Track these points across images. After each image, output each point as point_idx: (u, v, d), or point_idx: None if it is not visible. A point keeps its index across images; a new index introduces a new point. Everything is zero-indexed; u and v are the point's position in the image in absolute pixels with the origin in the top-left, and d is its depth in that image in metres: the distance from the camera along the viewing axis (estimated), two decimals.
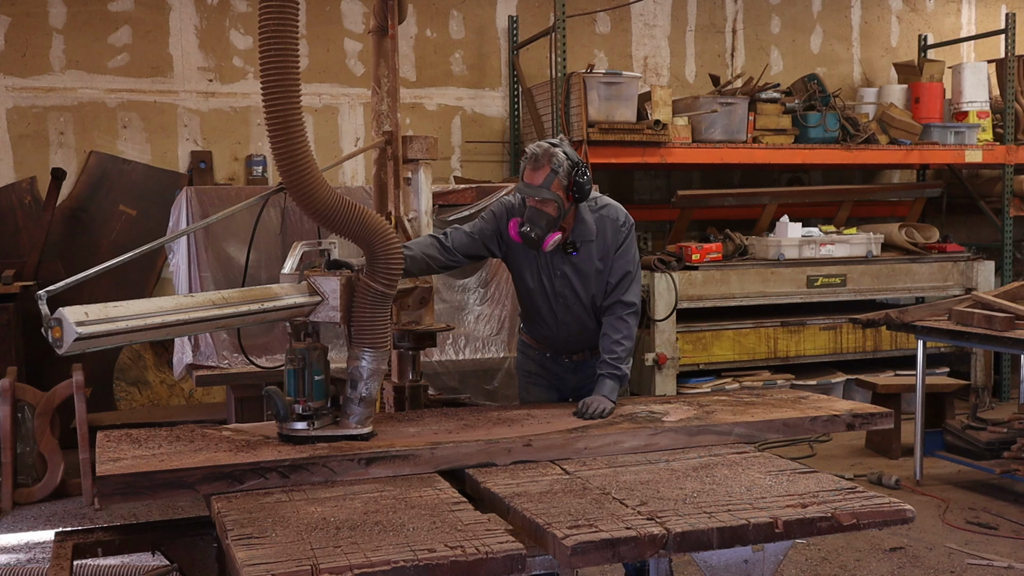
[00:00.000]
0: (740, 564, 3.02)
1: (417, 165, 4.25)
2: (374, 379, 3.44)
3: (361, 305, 3.40)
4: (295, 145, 3.13)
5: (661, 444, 3.54)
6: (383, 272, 3.40)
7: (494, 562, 2.48)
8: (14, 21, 7.50)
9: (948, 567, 4.94)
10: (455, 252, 3.98)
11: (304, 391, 3.40)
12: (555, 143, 3.90)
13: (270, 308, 3.28)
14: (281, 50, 3.06)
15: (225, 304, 3.16)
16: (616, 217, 4.07)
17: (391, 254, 3.40)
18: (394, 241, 3.41)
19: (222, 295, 3.20)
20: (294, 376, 3.40)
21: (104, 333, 2.82)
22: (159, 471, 2.98)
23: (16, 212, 7.49)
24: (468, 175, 8.48)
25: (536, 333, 4.25)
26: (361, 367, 3.42)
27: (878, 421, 3.82)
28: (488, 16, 8.68)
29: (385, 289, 3.41)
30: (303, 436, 3.36)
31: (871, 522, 2.86)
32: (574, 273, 4.03)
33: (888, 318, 6.28)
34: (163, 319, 2.98)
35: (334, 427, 3.41)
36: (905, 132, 8.53)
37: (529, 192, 3.84)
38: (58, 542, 3.29)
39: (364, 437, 3.39)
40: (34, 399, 6.23)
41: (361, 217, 3.32)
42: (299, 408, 3.38)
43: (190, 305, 3.08)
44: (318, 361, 3.41)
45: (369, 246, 3.38)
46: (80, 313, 2.78)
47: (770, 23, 9.55)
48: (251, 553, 2.48)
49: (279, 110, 3.09)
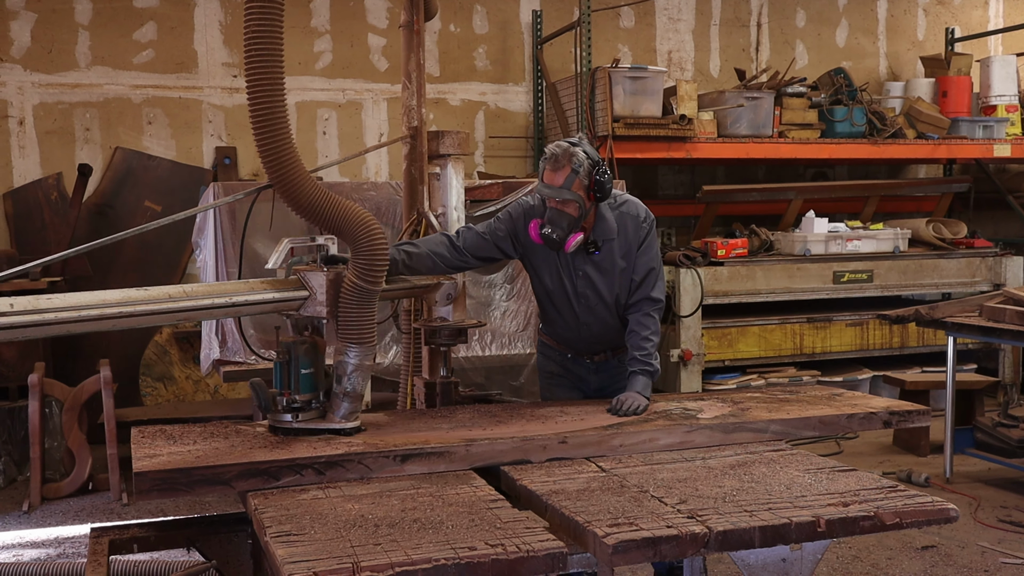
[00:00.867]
0: (778, 563, 2.99)
1: (446, 160, 4.23)
2: (358, 374, 3.44)
3: (346, 301, 3.40)
4: (279, 143, 3.20)
5: (697, 441, 3.51)
6: (365, 267, 3.39)
7: (535, 560, 2.46)
8: (40, 17, 7.52)
9: (981, 566, 4.89)
10: (465, 252, 3.92)
11: (290, 384, 3.43)
12: (574, 142, 3.84)
13: (240, 302, 3.29)
14: (265, 50, 3.14)
15: (184, 298, 3.18)
16: (637, 214, 4.02)
17: (375, 249, 3.39)
18: (379, 236, 3.40)
19: (183, 289, 3.24)
20: (280, 369, 3.45)
21: (26, 324, 2.87)
22: (196, 467, 2.97)
23: (43, 208, 7.51)
24: (491, 170, 8.46)
25: (557, 334, 4.20)
26: (346, 363, 3.43)
27: (915, 419, 3.78)
28: (512, 11, 8.65)
29: (367, 285, 3.40)
30: (286, 428, 3.40)
31: (915, 521, 2.83)
32: (596, 272, 3.97)
33: (918, 314, 6.23)
34: (101, 311, 3.00)
35: (320, 420, 3.43)
36: (933, 126, 8.45)
37: (550, 193, 3.79)
38: (94, 538, 3.29)
39: (348, 432, 3.40)
40: (62, 395, 6.25)
41: (343, 212, 3.35)
42: (284, 401, 3.42)
43: (140, 299, 3.10)
44: (305, 355, 3.43)
45: (353, 241, 3.40)
46: (5, 304, 2.83)
47: (795, 16, 9.49)
48: (291, 550, 2.47)
49: (263, 109, 3.17)
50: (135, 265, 7.62)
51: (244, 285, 3.33)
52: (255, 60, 3.14)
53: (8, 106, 7.50)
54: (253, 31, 3.13)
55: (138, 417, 6.49)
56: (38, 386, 6.08)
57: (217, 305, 3.24)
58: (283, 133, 3.20)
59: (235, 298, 3.27)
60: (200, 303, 3.19)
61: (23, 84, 7.51)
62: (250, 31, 3.13)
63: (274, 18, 3.13)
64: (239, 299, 3.27)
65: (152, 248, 7.66)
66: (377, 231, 3.40)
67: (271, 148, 3.20)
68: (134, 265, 7.62)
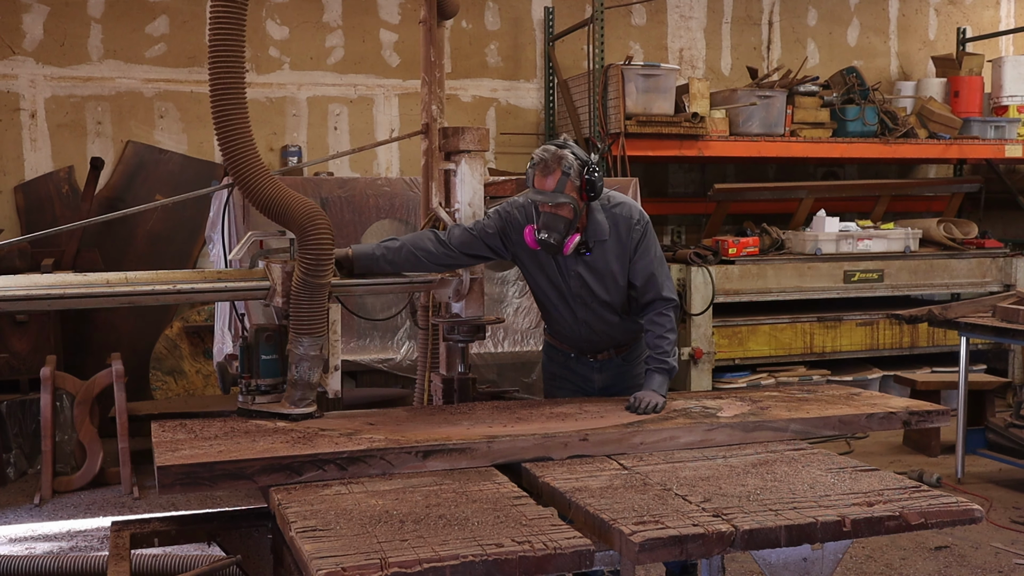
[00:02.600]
0: (799, 562, 2.99)
1: (461, 157, 4.21)
2: (307, 363, 3.57)
3: (295, 293, 3.54)
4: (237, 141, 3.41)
5: (717, 440, 3.51)
6: (308, 260, 3.53)
7: (562, 558, 2.46)
8: (53, 11, 7.52)
9: (995, 567, 4.88)
10: (452, 248, 3.89)
11: (251, 368, 3.62)
12: (560, 144, 3.80)
13: (186, 290, 3.51)
14: (225, 51, 3.35)
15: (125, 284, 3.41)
16: (629, 215, 3.92)
17: (320, 244, 3.52)
18: (324, 231, 3.53)
19: (126, 275, 3.46)
20: (242, 354, 3.65)
21: None
22: (219, 462, 2.97)
23: (54, 201, 7.52)
24: (502, 167, 8.45)
25: (559, 333, 4.17)
26: (296, 352, 3.57)
27: (935, 419, 3.78)
28: (524, 7, 8.64)
29: (308, 277, 3.52)
30: (245, 409, 3.62)
31: (939, 522, 2.82)
32: (589, 273, 3.93)
33: (931, 314, 6.22)
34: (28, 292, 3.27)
35: (273, 404, 3.60)
36: (944, 126, 8.44)
37: (543, 199, 3.73)
38: (115, 532, 3.29)
39: (295, 417, 3.55)
40: (73, 388, 6.25)
41: (290, 204, 3.50)
42: (244, 384, 3.62)
43: (77, 283, 3.33)
44: (267, 342, 3.61)
45: (298, 233, 3.55)
46: None
47: (807, 15, 9.47)
48: (318, 546, 2.47)
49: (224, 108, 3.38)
50: (146, 258, 7.62)
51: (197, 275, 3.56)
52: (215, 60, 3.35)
53: (20, 99, 7.50)
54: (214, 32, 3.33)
55: (149, 411, 6.48)
56: (50, 379, 6.08)
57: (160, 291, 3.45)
58: (242, 131, 3.40)
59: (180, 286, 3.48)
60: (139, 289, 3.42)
61: (35, 77, 7.51)
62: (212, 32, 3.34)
63: (236, 19, 3.33)
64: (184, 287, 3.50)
65: (163, 241, 7.66)
66: (322, 224, 3.54)
67: (229, 145, 3.40)
68: (145, 258, 7.62)
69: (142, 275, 3.47)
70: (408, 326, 6.07)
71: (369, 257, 3.83)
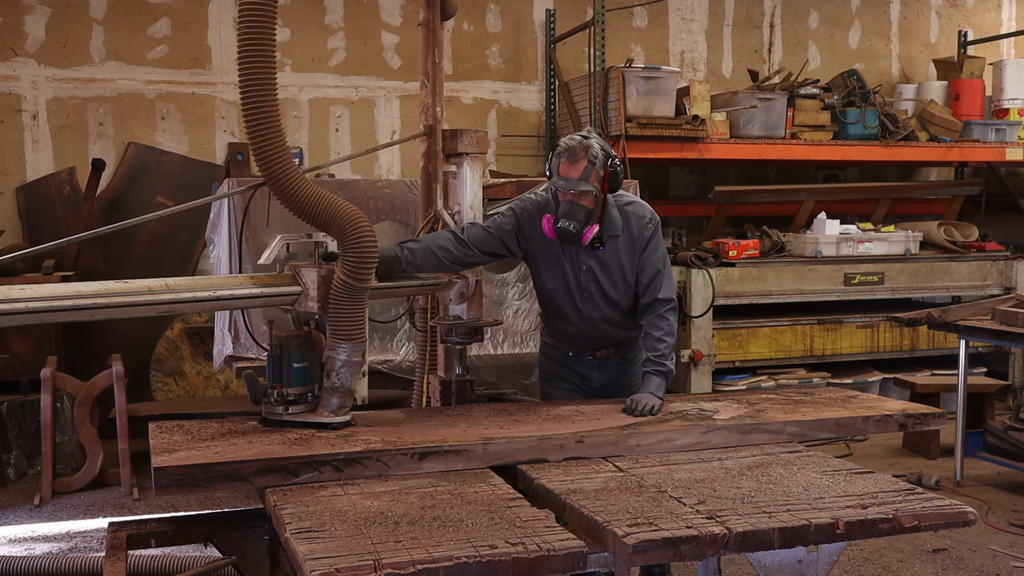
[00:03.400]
0: (794, 564, 3.00)
1: (462, 159, 4.23)
2: (347, 370, 3.48)
3: (335, 297, 3.45)
4: (270, 141, 3.28)
5: (713, 442, 3.51)
6: (353, 264, 3.43)
7: (555, 559, 2.47)
8: (55, 12, 7.54)
9: (993, 570, 4.88)
10: (471, 247, 3.93)
11: (281, 377, 3.49)
12: (585, 135, 3.87)
13: (225, 296, 3.34)
14: (258, 50, 3.23)
15: (164, 291, 3.21)
16: (642, 214, 4.01)
17: (364, 246, 3.43)
18: (367, 233, 3.44)
19: (165, 282, 3.27)
20: (273, 362, 3.51)
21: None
22: (215, 463, 2.98)
23: (56, 202, 7.53)
24: (503, 169, 8.46)
25: (560, 331, 4.19)
26: (335, 358, 3.47)
27: (931, 421, 3.78)
28: (525, 10, 8.65)
29: (354, 282, 3.43)
30: (276, 420, 3.45)
31: (932, 524, 2.83)
32: (599, 267, 3.99)
33: (930, 317, 6.22)
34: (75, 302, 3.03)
35: (308, 414, 3.48)
36: (945, 129, 8.44)
37: (568, 186, 3.79)
38: (112, 532, 3.30)
39: (335, 426, 3.45)
40: (74, 389, 6.26)
41: (333, 208, 3.39)
42: (275, 394, 3.47)
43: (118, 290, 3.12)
44: (298, 349, 3.49)
45: (341, 237, 3.44)
46: None
47: (808, 18, 9.48)
48: (312, 547, 2.47)
49: (255, 109, 3.26)
50: (147, 260, 7.64)
51: (232, 280, 3.38)
52: (247, 60, 3.24)
53: (22, 100, 7.52)
54: (245, 31, 3.22)
55: (149, 412, 6.50)
56: (50, 380, 6.10)
57: (200, 299, 3.29)
58: (274, 131, 3.29)
59: (219, 292, 3.33)
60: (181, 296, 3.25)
61: (37, 78, 7.53)
62: (242, 31, 3.23)
63: (267, 19, 3.23)
64: (223, 293, 3.34)
65: (165, 243, 7.68)
66: (366, 228, 3.44)
67: (262, 146, 3.29)
68: (146, 260, 7.64)
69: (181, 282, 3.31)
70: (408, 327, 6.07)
71: (392, 259, 3.78)
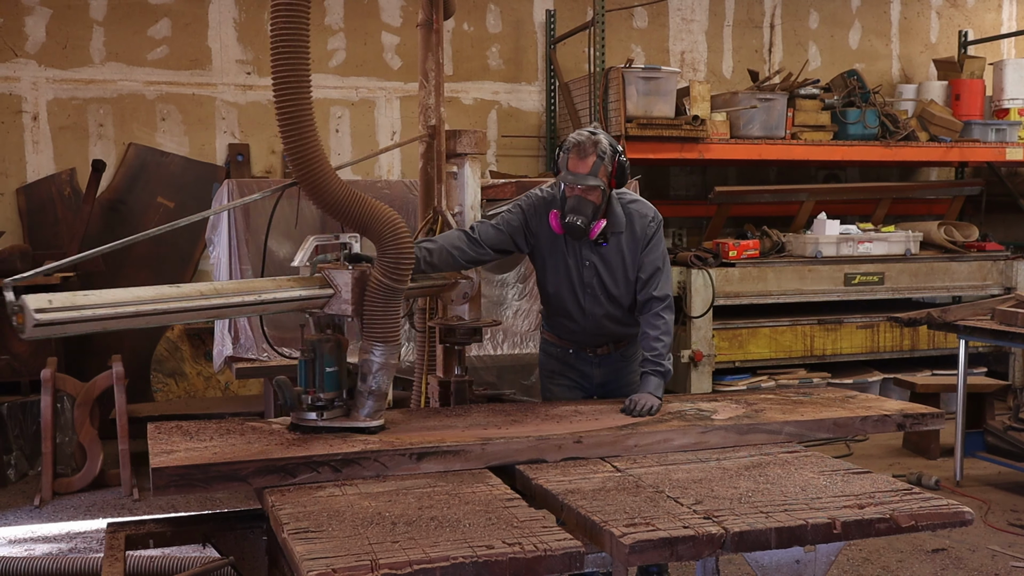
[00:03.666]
0: (792, 564, 3.00)
1: (463, 159, 4.24)
2: (384, 373, 3.44)
3: (371, 299, 3.40)
4: (305, 140, 3.18)
5: (711, 442, 3.52)
6: (392, 266, 3.39)
7: (552, 559, 2.47)
8: (55, 13, 7.54)
9: (992, 570, 4.88)
10: (483, 245, 3.97)
11: (315, 382, 3.42)
12: (593, 131, 3.92)
13: (269, 300, 3.26)
14: (292, 48, 3.12)
15: (215, 295, 3.14)
16: (645, 213, 4.08)
17: (401, 248, 3.39)
18: (404, 234, 3.40)
19: (214, 286, 3.20)
20: (305, 367, 3.44)
21: (66, 320, 2.78)
22: (213, 464, 2.98)
23: (56, 203, 7.54)
24: (503, 169, 8.46)
25: (561, 328, 4.23)
26: (371, 361, 3.42)
27: (929, 422, 3.79)
28: (525, 10, 8.65)
29: (393, 283, 3.40)
30: (311, 426, 3.39)
31: (929, 524, 2.83)
32: (602, 264, 4.03)
33: (930, 317, 6.22)
34: (137, 308, 2.95)
35: (344, 419, 3.43)
36: (945, 129, 8.44)
37: (577, 180, 3.84)
38: (110, 533, 3.30)
39: (373, 430, 3.40)
40: (74, 390, 6.27)
41: (370, 210, 3.34)
42: (308, 399, 3.41)
43: (173, 295, 3.06)
44: (330, 353, 3.43)
45: (379, 239, 3.39)
46: (44, 301, 2.75)
47: (808, 18, 9.48)
48: (309, 547, 2.48)
49: (290, 107, 3.15)
50: (147, 261, 7.65)
51: (272, 283, 3.31)
52: (281, 58, 3.12)
53: (22, 101, 7.53)
54: (279, 28, 3.11)
55: (149, 413, 6.51)
56: (50, 381, 6.10)
57: (247, 303, 3.21)
58: (309, 130, 3.18)
59: (263, 296, 3.24)
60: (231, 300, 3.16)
61: (37, 80, 7.54)
62: (276, 28, 3.12)
63: (300, 15, 3.12)
64: (267, 297, 3.25)
65: (165, 244, 7.68)
66: (403, 229, 3.40)
67: (297, 145, 3.18)
68: (146, 261, 7.65)
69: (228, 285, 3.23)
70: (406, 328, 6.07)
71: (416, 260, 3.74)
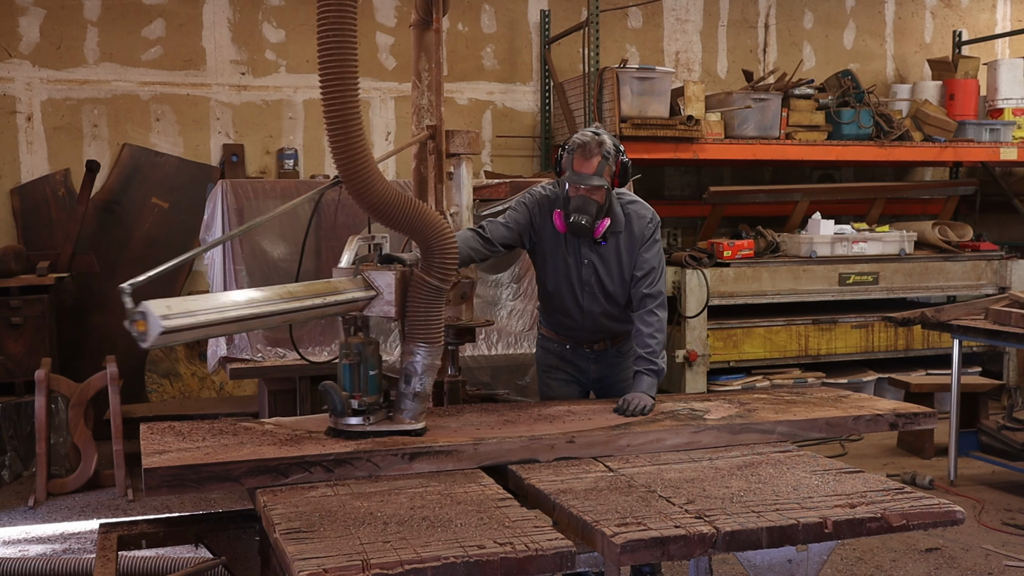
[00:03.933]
0: (784, 564, 3.00)
1: (459, 160, 4.24)
2: (428, 374, 3.42)
3: (415, 299, 3.38)
4: (353, 139, 3.10)
5: (704, 442, 3.52)
6: (438, 266, 3.38)
7: (544, 559, 2.47)
8: (49, 14, 7.53)
9: (985, 569, 4.89)
10: (495, 243, 4.04)
11: (360, 386, 3.38)
12: (596, 131, 3.97)
13: (331, 302, 3.27)
14: (340, 45, 3.05)
15: (292, 298, 3.14)
16: (644, 214, 4.15)
17: (447, 248, 3.38)
18: (449, 235, 3.39)
19: (288, 289, 3.18)
20: (350, 371, 3.39)
21: (186, 327, 2.76)
22: (205, 464, 2.98)
23: (50, 204, 7.53)
24: (498, 169, 8.47)
25: (559, 324, 4.28)
26: (415, 362, 3.39)
27: (922, 421, 3.79)
28: (520, 10, 8.65)
29: (440, 284, 3.40)
30: (358, 431, 3.34)
31: (921, 523, 2.84)
32: (600, 262, 4.09)
33: (924, 317, 6.23)
34: (238, 313, 2.94)
35: (387, 422, 3.39)
36: (939, 129, 8.45)
37: (582, 180, 3.90)
38: (103, 533, 3.30)
39: (417, 432, 3.37)
40: (68, 390, 6.26)
41: (417, 211, 3.31)
42: (355, 403, 3.36)
43: (261, 299, 3.05)
44: (372, 356, 3.40)
45: (424, 240, 3.36)
46: (163, 307, 2.70)
47: (803, 18, 9.49)
48: (301, 547, 2.48)
49: (337, 104, 3.06)
50: (142, 261, 7.63)
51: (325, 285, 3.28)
52: (329, 55, 3.05)
53: (16, 102, 7.52)
54: (327, 26, 3.05)
55: (144, 413, 6.50)
56: (44, 382, 6.10)
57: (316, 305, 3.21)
58: (356, 129, 3.11)
59: (328, 298, 3.25)
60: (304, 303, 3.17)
61: (31, 80, 7.53)
62: (324, 25, 3.05)
63: (349, 13, 3.06)
64: (331, 299, 3.26)
65: (159, 245, 7.67)
66: (447, 230, 3.39)
67: (344, 144, 3.10)
68: (141, 261, 7.63)
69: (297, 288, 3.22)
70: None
71: None
